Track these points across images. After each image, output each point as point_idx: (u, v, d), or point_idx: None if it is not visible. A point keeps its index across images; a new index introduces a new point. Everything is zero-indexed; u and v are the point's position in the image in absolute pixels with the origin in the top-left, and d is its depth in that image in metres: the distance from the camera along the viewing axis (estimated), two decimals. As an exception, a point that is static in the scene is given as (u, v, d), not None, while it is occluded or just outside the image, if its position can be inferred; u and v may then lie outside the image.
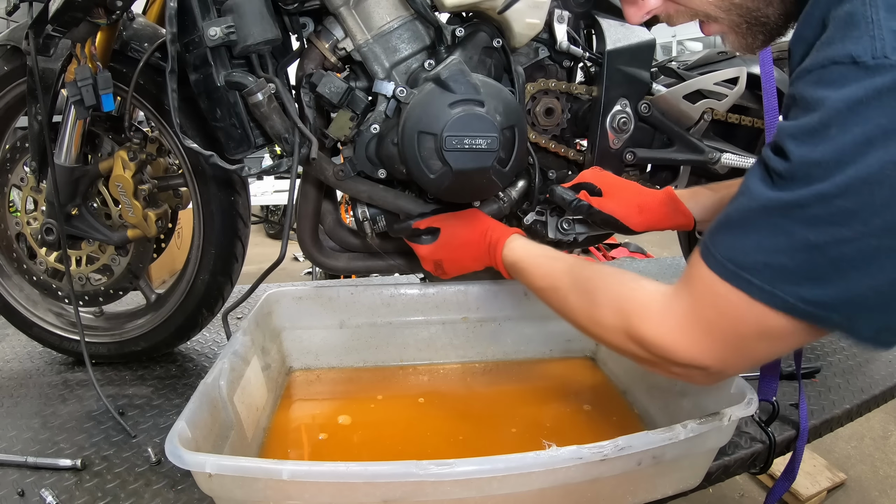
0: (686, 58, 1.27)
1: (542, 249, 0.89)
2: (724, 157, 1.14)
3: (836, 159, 0.49)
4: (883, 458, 2.27)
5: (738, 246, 0.56)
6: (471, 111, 0.91)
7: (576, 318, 0.75)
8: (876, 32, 0.48)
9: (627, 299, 0.67)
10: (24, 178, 1.25)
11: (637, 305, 0.66)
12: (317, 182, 1.12)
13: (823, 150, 0.50)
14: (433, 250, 1.01)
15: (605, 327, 0.70)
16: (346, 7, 0.96)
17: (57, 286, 1.27)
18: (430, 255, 1.01)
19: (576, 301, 0.75)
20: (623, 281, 0.71)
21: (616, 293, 0.69)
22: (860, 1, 0.50)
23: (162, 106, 1.13)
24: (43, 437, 1.02)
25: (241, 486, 0.66)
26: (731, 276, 0.56)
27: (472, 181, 0.95)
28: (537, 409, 1.07)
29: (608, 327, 0.69)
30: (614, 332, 0.68)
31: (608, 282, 0.72)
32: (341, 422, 1.03)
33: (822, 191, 0.50)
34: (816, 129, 0.51)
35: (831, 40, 0.51)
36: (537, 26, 0.99)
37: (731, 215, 0.57)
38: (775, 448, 0.96)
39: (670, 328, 0.62)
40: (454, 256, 1.00)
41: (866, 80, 0.48)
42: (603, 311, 0.70)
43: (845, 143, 0.49)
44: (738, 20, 0.64)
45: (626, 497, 0.77)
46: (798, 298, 0.53)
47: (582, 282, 0.75)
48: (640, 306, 0.65)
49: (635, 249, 4.63)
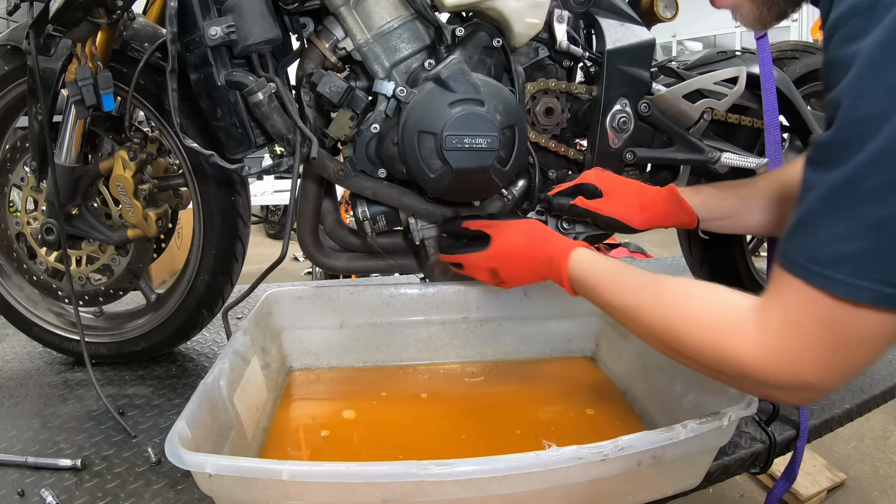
0: (686, 58, 1.27)
1: (613, 263, 0.80)
2: (723, 156, 1.14)
3: (881, 110, 0.45)
4: (883, 458, 2.27)
5: (813, 243, 0.51)
6: (471, 110, 0.91)
7: (659, 340, 0.69)
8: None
9: (719, 319, 0.61)
10: (25, 178, 1.25)
11: (731, 326, 0.60)
12: (317, 181, 1.12)
13: (866, 104, 0.46)
14: (485, 258, 0.95)
15: (695, 350, 0.63)
16: (346, 7, 0.96)
17: (57, 286, 1.27)
18: (483, 262, 0.96)
19: (659, 322, 0.68)
20: (711, 297, 0.64)
21: (705, 312, 0.63)
22: None
23: (162, 106, 1.13)
24: (43, 437, 1.02)
25: (241, 487, 0.66)
26: (815, 277, 0.51)
27: (473, 180, 0.95)
28: (537, 408, 1.07)
29: (699, 351, 0.63)
30: (707, 356, 0.62)
31: (695, 298, 0.65)
32: (346, 416, 1.03)
33: (876, 151, 0.46)
34: (855, 84, 0.47)
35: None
36: (537, 26, 0.99)
37: (799, 215, 0.53)
38: (775, 448, 0.96)
39: (769, 348, 0.56)
40: (509, 267, 0.93)
41: (888, 16, 0.45)
42: (692, 333, 0.63)
43: (885, 88, 0.45)
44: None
45: (626, 497, 0.77)
46: (885, 284, 0.48)
47: (664, 299, 0.68)
48: (734, 326, 0.59)
49: (635, 249, 4.63)
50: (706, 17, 7.00)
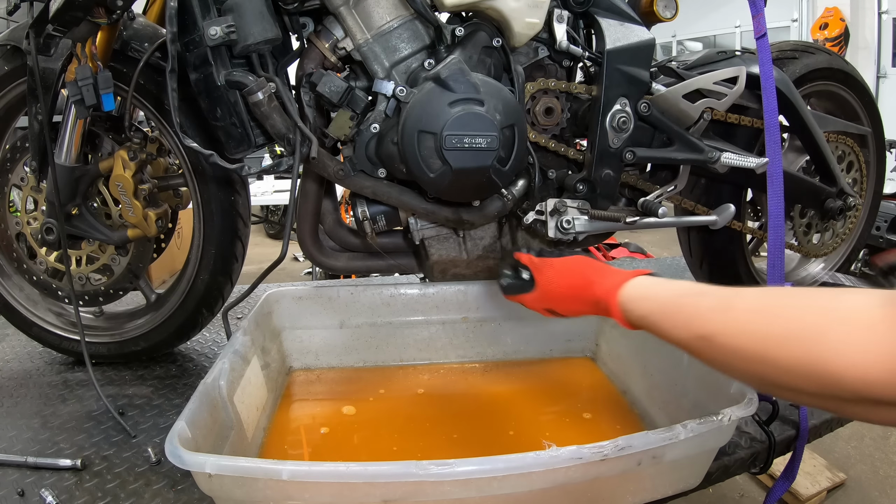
0: (686, 57, 1.27)
1: (671, 291, 0.69)
2: (723, 156, 1.14)
3: None
4: (883, 458, 2.27)
5: None
6: (470, 110, 0.91)
7: (746, 371, 0.57)
8: None
9: (822, 331, 0.48)
10: (25, 178, 1.25)
11: (840, 332, 0.47)
12: (317, 181, 1.12)
13: None
14: (535, 299, 0.91)
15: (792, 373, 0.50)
16: (346, 7, 0.96)
17: (57, 286, 1.27)
18: (534, 304, 0.92)
19: (742, 349, 0.55)
20: (809, 304, 0.51)
21: (807, 323, 0.50)
22: None
23: (162, 105, 1.13)
24: (43, 437, 1.02)
25: (241, 486, 0.66)
26: None
27: (472, 180, 0.95)
28: (537, 408, 1.07)
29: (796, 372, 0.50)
30: (808, 382, 0.49)
31: (788, 308, 0.52)
32: (346, 412, 1.04)
33: None
34: None
35: None
36: (537, 26, 0.99)
37: None
38: (775, 448, 0.96)
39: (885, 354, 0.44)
40: (562, 307, 0.88)
41: None
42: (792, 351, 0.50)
43: None
44: None
45: (626, 497, 0.77)
46: None
47: (746, 318, 0.56)
48: (844, 333, 0.47)
49: (635, 249, 4.63)
50: (706, 17, 7.00)
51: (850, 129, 1.42)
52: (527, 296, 0.92)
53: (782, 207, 1.01)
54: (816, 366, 0.48)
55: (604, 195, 1.11)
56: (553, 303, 0.89)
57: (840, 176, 1.36)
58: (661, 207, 1.09)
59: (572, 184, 1.12)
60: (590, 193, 1.11)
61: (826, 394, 0.49)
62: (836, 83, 1.43)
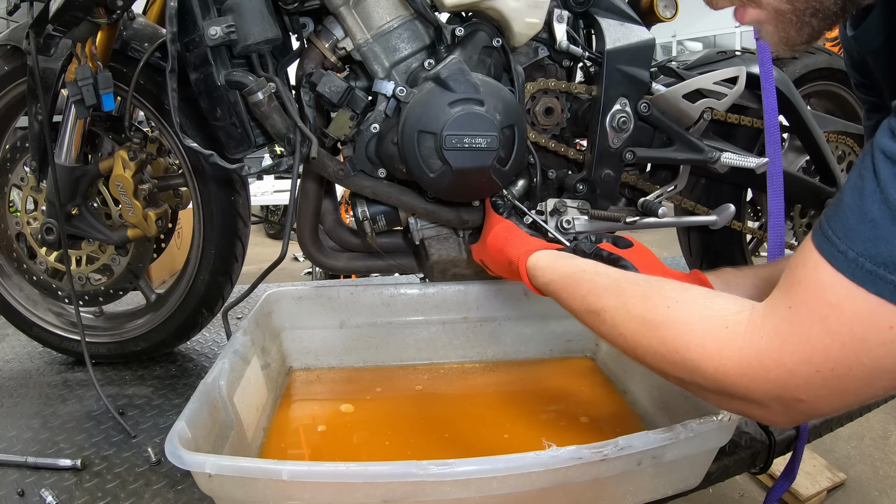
0: (686, 58, 1.28)
1: (575, 266, 0.74)
2: (723, 156, 1.14)
3: None
4: (883, 458, 2.27)
5: (884, 236, 0.42)
6: (470, 110, 0.91)
7: (627, 351, 0.63)
8: None
9: (691, 324, 0.54)
10: (25, 178, 1.25)
11: (701, 329, 0.53)
12: (317, 181, 1.12)
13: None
14: (476, 250, 1.03)
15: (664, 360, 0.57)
16: (346, 7, 0.96)
17: (57, 286, 1.27)
18: (475, 255, 1.04)
19: (625, 329, 0.62)
20: (688, 298, 0.57)
21: (680, 315, 0.56)
22: None
23: (162, 105, 1.13)
24: (43, 437, 1.02)
25: (241, 487, 0.66)
26: (871, 280, 0.42)
27: (472, 180, 0.95)
28: (537, 408, 1.07)
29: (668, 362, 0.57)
30: (674, 367, 0.56)
31: (668, 301, 0.58)
32: (345, 412, 1.04)
33: None
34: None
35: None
36: (537, 26, 0.99)
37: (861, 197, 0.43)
38: (775, 448, 0.96)
39: (755, 352, 0.49)
40: (490, 263, 0.97)
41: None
42: (664, 336, 0.57)
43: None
44: (785, 7, 0.54)
45: (626, 497, 0.77)
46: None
47: (633, 302, 0.62)
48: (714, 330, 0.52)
49: (635, 249, 4.62)
50: (706, 17, 7.00)
51: (850, 129, 1.43)
52: (474, 245, 1.04)
53: (782, 207, 1.01)
54: (679, 353, 0.55)
55: (604, 195, 1.12)
56: (484, 256, 0.98)
57: (840, 176, 1.36)
58: (661, 207, 1.09)
59: (572, 184, 1.12)
60: (590, 193, 1.12)
61: (688, 380, 0.56)
62: (836, 83, 1.43)
